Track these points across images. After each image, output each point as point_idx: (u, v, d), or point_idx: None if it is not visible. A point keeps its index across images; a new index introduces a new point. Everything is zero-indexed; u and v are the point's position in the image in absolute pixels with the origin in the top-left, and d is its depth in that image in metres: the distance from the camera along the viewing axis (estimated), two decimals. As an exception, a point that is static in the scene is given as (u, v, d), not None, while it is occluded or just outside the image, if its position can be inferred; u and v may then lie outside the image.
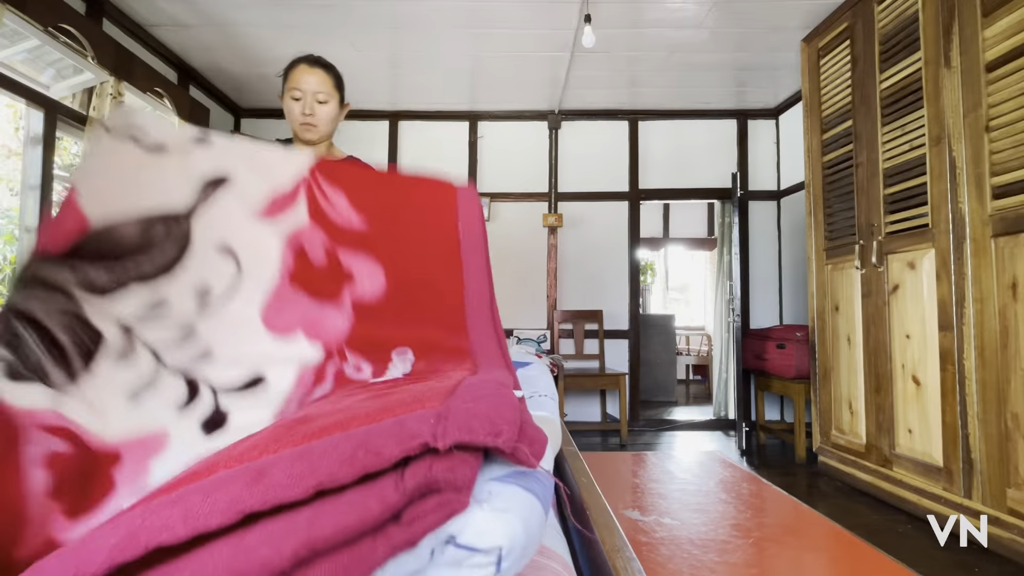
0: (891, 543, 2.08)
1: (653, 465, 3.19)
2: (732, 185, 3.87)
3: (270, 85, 3.95)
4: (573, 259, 4.37)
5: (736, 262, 3.95)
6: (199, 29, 3.18)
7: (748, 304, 4.32)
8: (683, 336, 7.19)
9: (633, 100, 4.21)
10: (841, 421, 2.84)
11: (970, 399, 2.07)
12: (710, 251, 7.31)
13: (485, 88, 3.99)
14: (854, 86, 2.74)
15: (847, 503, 2.55)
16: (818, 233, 3.06)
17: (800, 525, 2.25)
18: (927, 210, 2.28)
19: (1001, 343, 1.95)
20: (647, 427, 4.30)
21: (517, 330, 4.23)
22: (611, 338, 4.32)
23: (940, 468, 2.21)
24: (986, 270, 2.01)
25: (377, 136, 4.42)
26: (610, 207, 4.39)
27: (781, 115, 4.31)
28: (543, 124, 4.42)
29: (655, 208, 7.35)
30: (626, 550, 0.81)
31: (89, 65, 2.64)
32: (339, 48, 3.40)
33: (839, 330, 2.87)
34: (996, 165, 1.98)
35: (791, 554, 1.98)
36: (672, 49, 3.41)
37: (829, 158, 2.97)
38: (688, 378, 7.16)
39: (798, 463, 3.30)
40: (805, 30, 3.16)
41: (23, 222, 2.50)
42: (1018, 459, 1.89)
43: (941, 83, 2.21)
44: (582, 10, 2.91)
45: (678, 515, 2.36)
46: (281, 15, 3.04)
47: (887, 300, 2.52)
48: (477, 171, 4.40)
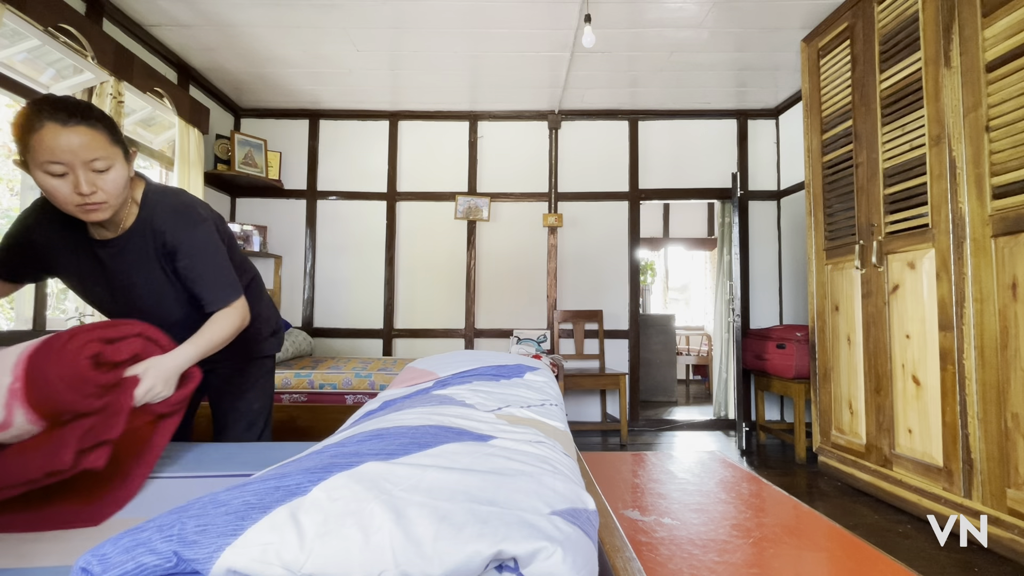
0: (891, 543, 2.08)
1: (653, 465, 3.19)
2: (732, 185, 3.87)
3: (270, 85, 3.95)
4: (573, 259, 4.37)
5: (736, 262, 3.95)
6: (199, 29, 3.18)
7: (748, 304, 4.32)
8: (683, 336, 7.19)
9: (633, 100, 4.20)
10: (841, 421, 2.84)
11: (970, 399, 2.07)
12: (710, 251, 7.32)
13: (485, 88, 3.99)
14: (854, 86, 2.74)
15: (847, 503, 2.55)
16: (818, 233, 3.06)
17: (800, 525, 2.25)
18: (927, 210, 2.28)
19: (1001, 343, 1.95)
20: (647, 427, 4.30)
21: (517, 330, 4.23)
22: (611, 338, 4.32)
23: (940, 468, 2.21)
24: (986, 270, 2.01)
25: (377, 136, 4.42)
26: (610, 207, 4.39)
27: (781, 115, 4.31)
28: (543, 124, 4.42)
29: (655, 208, 7.35)
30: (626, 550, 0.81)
31: (89, 65, 2.64)
32: (340, 48, 3.40)
33: (839, 330, 2.87)
34: (996, 165, 1.98)
35: (791, 554, 1.98)
36: (672, 49, 3.41)
37: (829, 158, 2.97)
38: (688, 378, 7.16)
39: (798, 463, 3.30)
40: (805, 30, 3.16)
41: (23, 222, 2.50)
42: (1018, 459, 1.89)
43: (941, 83, 2.21)
44: (582, 10, 2.91)
45: (678, 515, 2.36)
46: (282, 15, 3.04)
47: (887, 300, 2.52)
48: (477, 171, 4.40)
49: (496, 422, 0.85)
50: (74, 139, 1.06)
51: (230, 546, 0.46)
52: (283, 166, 4.35)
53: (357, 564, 0.45)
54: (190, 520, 0.48)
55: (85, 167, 1.08)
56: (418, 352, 4.32)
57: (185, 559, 0.46)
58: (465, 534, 0.46)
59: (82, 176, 1.07)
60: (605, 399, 4.27)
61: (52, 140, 1.04)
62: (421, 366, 1.41)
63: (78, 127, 1.06)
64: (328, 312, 4.32)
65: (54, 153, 1.04)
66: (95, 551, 0.46)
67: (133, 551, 0.46)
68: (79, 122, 1.07)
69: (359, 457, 0.61)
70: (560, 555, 0.46)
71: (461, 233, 4.37)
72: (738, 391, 3.82)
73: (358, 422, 1.00)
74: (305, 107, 4.36)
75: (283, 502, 0.50)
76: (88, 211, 1.11)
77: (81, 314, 2.59)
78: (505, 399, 1.05)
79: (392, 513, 0.48)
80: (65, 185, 1.07)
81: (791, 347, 3.41)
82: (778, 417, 4.27)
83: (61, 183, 1.07)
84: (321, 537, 0.46)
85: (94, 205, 1.11)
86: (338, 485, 0.53)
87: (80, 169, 1.07)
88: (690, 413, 4.87)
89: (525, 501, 0.53)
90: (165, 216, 1.24)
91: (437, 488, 0.54)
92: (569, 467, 0.68)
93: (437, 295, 4.35)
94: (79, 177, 1.07)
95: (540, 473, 0.61)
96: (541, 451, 0.70)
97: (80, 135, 1.06)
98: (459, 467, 0.60)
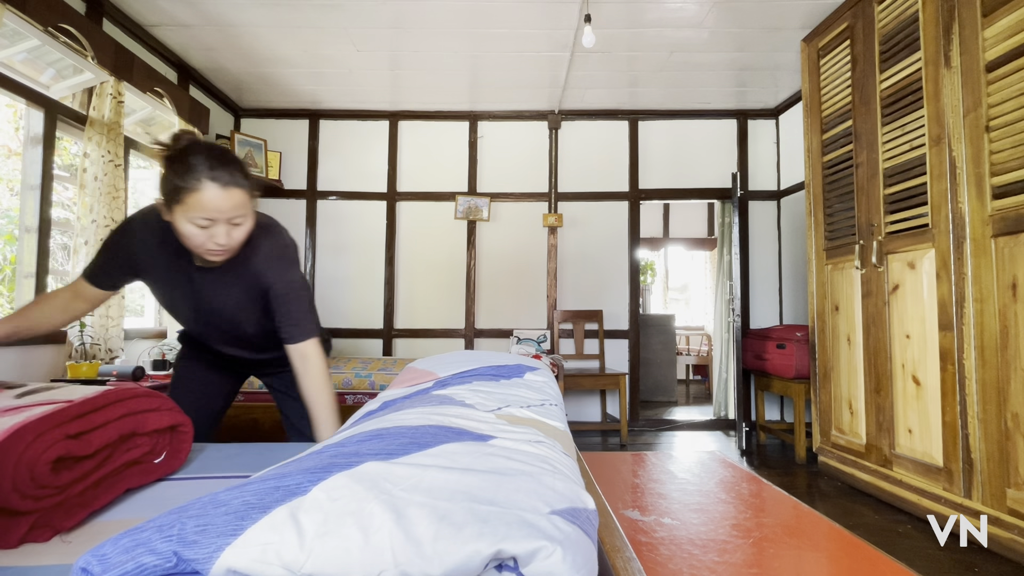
0: (891, 543, 2.08)
1: (653, 465, 3.19)
2: (732, 185, 3.87)
3: (271, 85, 3.95)
4: (573, 259, 4.38)
5: (736, 262, 3.95)
6: (199, 29, 3.18)
7: (748, 304, 4.32)
8: (683, 336, 7.19)
9: (633, 100, 4.21)
10: (841, 421, 2.84)
11: (970, 399, 2.07)
12: (710, 251, 7.32)
13: (485, 88, 3.99)
14: (854, 86, 2.74)
15: (847, 503, 2.55)
16: (818, 233, 3.06)
17: (800, 525, 2.25)
18: (927, 210, 2.28)
19: (1001, 343, 1.95)
20: (647, 427, 4.30)
21: (517, 330, 4.23)
22: (611, 338, 4.32)
23: (940, 468, 2.21)
24: (986, 270, 2.01)
25: (377, 136, 4.42)
26: (610, 207, 4.39)
27: (781, 115, 4.31)
28: (543, 124, 4.42)
29: (655, 208, 7.35)
30: (626, 550, 0.81)
31: (89, 65, 2.64)
32: (340, 48, 3.40)
33: (839, 330, 2.87)
34: (996, 165, 1.98)
35: (791, 554, 1.98)
36: (672, 49, 3.41)
37: (829, 158, 2.97)
38: (688, 378, 7.16)
39: (798, 463, 3.30)
40: (805, 30, 3.16)
41: (23, 222, 2.50)
42: (1018, 459, 1.88)
43: (941, 83, 2.21)
44: (582, 10, 2.91)
45: (678, 515, 2.37)
46: (282, 15, 3.04)
47: (887, 300, 2.52)
48: (477, 171, 4.40)
49: (496, 422, 0.85)
50: (227, 202, 1.12)
51: (230, 546, 0.46)
52: (283, 166, 4.35)
53: (357, 564, 0.45)
54: (190, 520, 0.48)
55: (227, 222, 1.15)
56: (418, 352, 4.32)
57: (185, 559, 0.46)
58: (465, 534, 0.46)
59: (222, 230, 1.15)
60: (605, 399, 4.28)
61: (209, 202, 1.10)
62: (421, 366, 1.41)
63: (234, 191, 1.13)
64: (328, 312, 4.32)
65: (207, 212, 1.11)
66: (95, 551, 0.46)
67: (133, 551, 0.46)
68: (235, 186, 1.13)
69: (359, 457, 0.61)
70: (560, 554, 0.46)
71: (461, 233, 4.37)
72: (738, 391, 3.82)
73: (358, 422, 1.00)
74: (305, 107, 4.36)
75: (283, 502, 0.50)
76: (212, 254, 1.18)
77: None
78: (505, 399, 1.05)
79: (392, 513, 0.48)
80: (203, 234, 1.14)
81: (791, 347, 3.41)
82: (778, 417, 4.27)
83: (199, 232, 1.13)
84: (321, 537, 0.46)
85: (220, 251, 1.18)
86: (338, 485, 0.53)
87: (221, 224, 1.14)
88: (690, 413, 4.88)
89: (525, 500, 0.53)
90: (267, 257, 1.31)
91: (437, 488, 0.54)
92: (569, 467, 0.68)
93: (437, 295, 4.35)
94: (219, 230, 1.14)
95: (540, 473, 0.61)
96: (541, 451, 0.70)
97: (233, 199, 1.13)
98: (459, 467, 0.60)
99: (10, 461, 0.79)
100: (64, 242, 3.20)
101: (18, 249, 2.51)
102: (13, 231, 2.93)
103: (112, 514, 0.93)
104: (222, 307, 1.36)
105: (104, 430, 0.96)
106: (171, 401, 1.13)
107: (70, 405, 0.93)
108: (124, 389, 1.05)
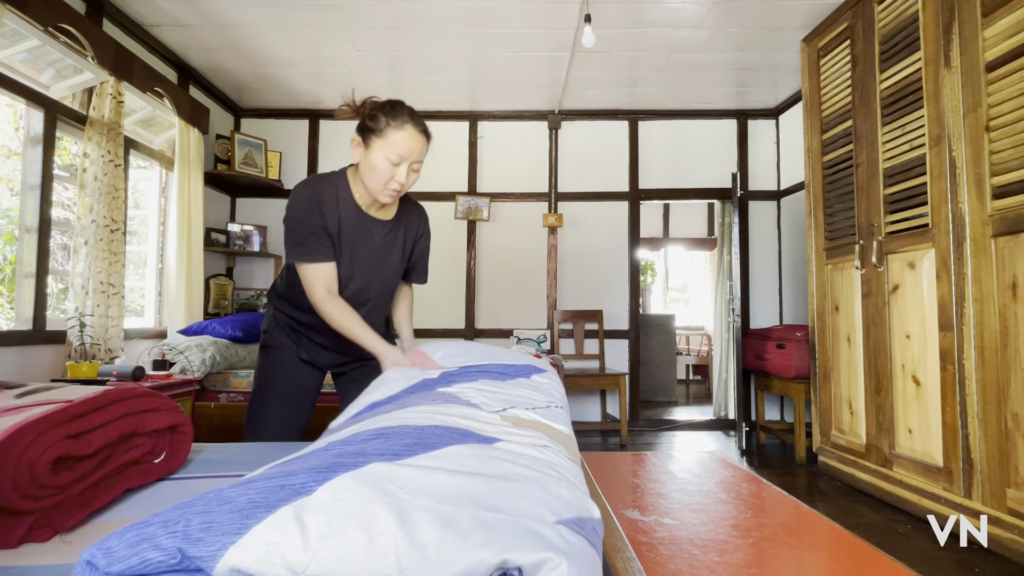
0: (891, 543, 2.09)
1: (653, 465, 3.19)
2: (732, 185, 3.87)
3: (271, 85, 3.95)
4: (573, 259, 4.37)
5: (736, 262, 3.95)
6: (199, 29, 3.18)
7: (748, 304, 4.32)
8: (683, 336, 7.19)
9: (633, 100, 4.20)
10: (841, 421, 2.84)
11: (970, 399, 2.07)
12: (710, 251, 7.32)
13: (485, 88, 3.99)
14: (854, 86, 2.74)
15: (847, 503, 2.55)
16: (818, 233, 3.07)
17: (800, 525, 2.25)
18: (927, 210, 2.28)
19: (1001, 343, 1.96)
20: (647, 427, 4.30)
21: (517, 330, 4.23)
22: (611, 338, 4.32)
23: (940, 468, 2.21)
24: (986, 270, 2.02)
25: (377, 136, 4.42)
26: (610, 207, 4.39)
27: (781, 115, 4.32)
28: (543, 124, 4.42)
29: (655, 208, 7.35)
30: (626, 550, 0.81)
31: (89, 65, 2.64)
32: (340, 48, 3.40)
33: (839, 330, 2.87)
34: (996, 165, 1.98)
35: (791, 554, 1.98)
36: (672, 49, 3.41)
37: (829, 158, 2.97)
38: (688, 378, 7.17)
39: (798, 463, 3.30)
40: (805, 30, 3.16)
41: (23, 222, 2.50)
42: (1018, 459, 1.89)
43: (941, 83, 2.21)
44: (582, 10, 2.91)
45: (678, 515, 2.37)
46: (282, 15, 3.03)
47: (887, 300, 2.53)
48: (477, 171, 4.40)
49: (501, 424, 0.85)
50: (419, 146, 1.37)
51: (234, 545, 0.46)
52: (283, 166, 4.35)
53: (360, 567, 0.45)
54: (195, 517, 0.48)
55: (410, 166, 1.37)
56: (418, 352, 4.31)
57: (189, 556, 0.46)
58: (470, 541, 0.46)
59: (404, 170, 1.36)
60: (605, 399, 4.28)
61: (409, 141, 1.34)
62: (426, 350, 1.43)
63: (423, 138, 1.38)
64: (328, 312, 4.31)
65: (403, 148, 1.34)
66: (100, 544, 0.46)
67: (137, 546, 0.46)
68: (425, 134, 1.39)
69: (364, 457, 0.61)
70: (566, 567, 0.45)
71: (461, 233, 4.37)
72: (738, 391, 3.83)
73: (361, 414, 1.00)
74: (305, 107, 4.36)
75: (288, 501, 0.50)
76: (389, 194, 1.39)
77: (81, 314, 2.59)
78: (510, 400, 1.04)
79: (396, 516, 0.48)
80: (391, 171, 1.35)
81: (791, 347, 3.41)
82: (778, 417, 4.27)
83: (389, 168, 1.35)
84: (325, 539, 0.46)
85: (396, 192, 1.39)
86: (343, 486, 0.52)
87: (406, 165, 1.36)
88: (690, 413, 4.88)
89: (531, 509, 0.52)
90: (418, 214, 1.64)
91: (442, 492, 0.53)
92: (575, 473, 0.67)
93: (437, 295, 4.34)
94: (403, 170, 1.36)
95: (546, 480, 0.60)
96: (547, 456, 0.70)
97: (422, 145, 1.38)
98: (464, 470, 0.59)
99: (10, 461, 0.79)
100: (64, 242, 3.19)
101: (18, 249, 2.51)
102: (13, 231, 2.93)
103: (112, 514, 0.93)
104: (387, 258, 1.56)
105: (104, 430, 0.96)
106: (171, 401, 1.13)
107: (70, 405, 0.93)
108: (124, 389, 1.05)
